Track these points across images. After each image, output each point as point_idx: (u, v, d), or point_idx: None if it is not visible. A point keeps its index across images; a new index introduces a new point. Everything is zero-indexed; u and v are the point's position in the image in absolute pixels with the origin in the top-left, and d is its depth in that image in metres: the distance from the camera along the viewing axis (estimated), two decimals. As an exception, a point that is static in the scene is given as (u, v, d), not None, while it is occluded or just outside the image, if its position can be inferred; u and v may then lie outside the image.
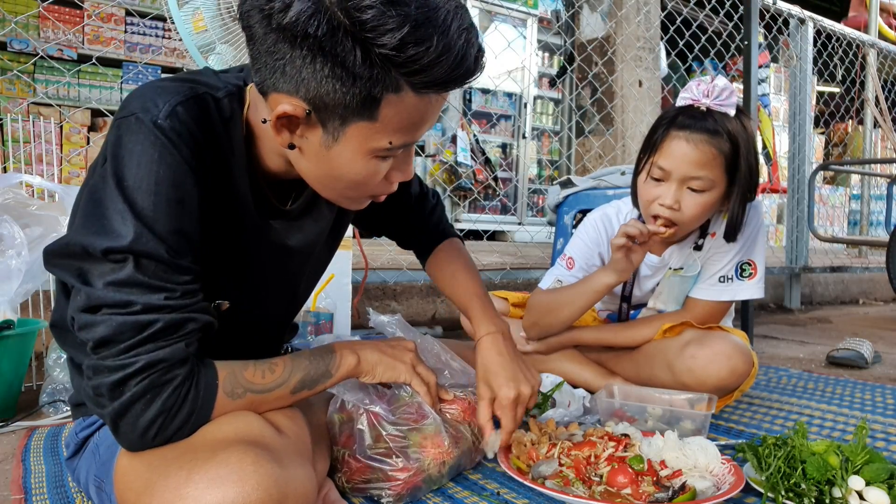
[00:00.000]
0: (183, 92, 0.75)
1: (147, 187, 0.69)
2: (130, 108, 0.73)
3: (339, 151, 0.75)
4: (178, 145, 0.71)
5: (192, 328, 0.72)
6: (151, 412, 0.69)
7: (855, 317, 3.53)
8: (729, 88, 1.28)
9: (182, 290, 0.71)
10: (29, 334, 1.41)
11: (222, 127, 0.78)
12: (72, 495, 0.99)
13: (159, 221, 0.70)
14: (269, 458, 0.66)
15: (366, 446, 0.94)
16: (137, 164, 0.70)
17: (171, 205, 0.70)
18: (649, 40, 3.19)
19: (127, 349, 0.68)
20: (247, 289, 0.90)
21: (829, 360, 2.15)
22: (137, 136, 0.70)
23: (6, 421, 1.34)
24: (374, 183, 0.79)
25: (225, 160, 0.79)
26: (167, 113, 0.72)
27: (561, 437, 1.10)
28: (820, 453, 0.96)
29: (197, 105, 0.75)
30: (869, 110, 4.89)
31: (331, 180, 0.79)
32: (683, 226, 1.33)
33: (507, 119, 5.87)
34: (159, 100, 0.73)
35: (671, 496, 0.93)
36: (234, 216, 0.82)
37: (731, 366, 1.33)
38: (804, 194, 3.66)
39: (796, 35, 3.64)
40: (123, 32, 4.27)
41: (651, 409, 1.24)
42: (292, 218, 0.91)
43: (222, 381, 0.76)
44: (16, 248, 1.37)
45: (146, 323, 0.68)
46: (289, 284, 0.99)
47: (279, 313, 1.03)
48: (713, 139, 1.26)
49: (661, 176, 1.31)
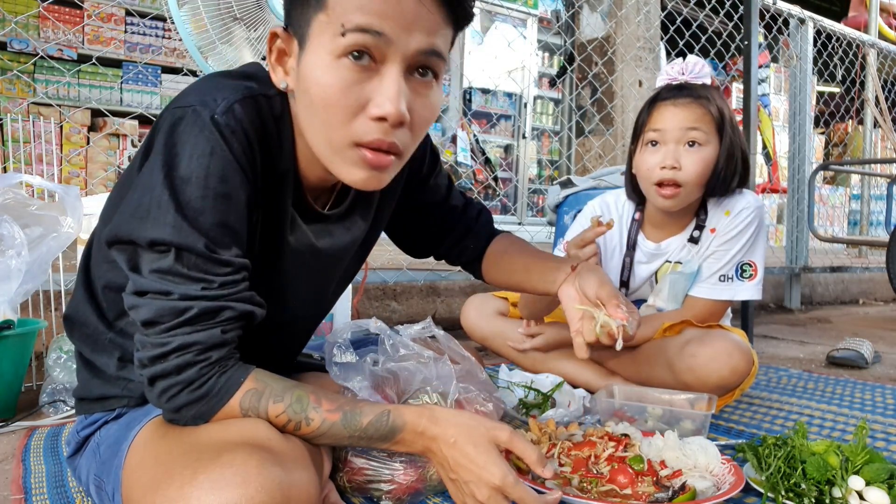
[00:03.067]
0: (241, 90, 0.76)
1: (196, 180, 0.71)
2: (188, 101, 0.74)
3: (306, 59, 0.73)
4: (231, 142, 0.73)
5: (229, 315, 0.74)
6: (173, 381, 0.73)
7: (855, 317, 3.53)
8: (701, 63, 1.37)
9: (221, 280, 0.73)
10: (29, 334, 1.41)
11: (274, 126, 0.79)
12: (72, 495, 0.99)
13: (204, 215, 0.71)
14: (273, 461, 0.66)
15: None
16: (189, 156, 0.71)
17: (218, 199, 0.72)
18: (649, 40, 3.19)
19: (166, 330, 0.72)
20: (275, 287, 0.88)
21: (829, 360, 2.15)
22: (193, 128, 0.72)
23: (6, 421, 1.34)
24: (343, 107, 0.72)
25: (274, 159, 0.80)
26: (224, 109, 0.73)
27: (561, 437, 1.10)
28: (820, 453, 0.96)
29: (253, 104, 0.76)
30: (869, 110, 4.89)
31: (308, 113, 0.75)
32: (687, 186, 1.37)
33: (507, 119, 5.86)
34: (218, 95, 0.74)
35: (671, 496, 0.93)
36: (274, 215, 0.83)
37: (732, 364, 1.33)
38: (804, 194, 3.66)
39: (796, 35, 3.64)
40: (123, 32, 4.27)
41: (651, 409, 1.24)
42: (327, 223, 0.90)
43: (244, 393, 0.75)
44: (16, 248, 1.37)
45: (182, 309, 0.71)
46: (315, 287, 0.97)
47: (305, 317, 1.02)
48: (698, 100, 1.35)
49: (657, 138, 1.37)
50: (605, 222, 1.24)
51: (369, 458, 0.93)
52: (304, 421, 0.76)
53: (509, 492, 0.76)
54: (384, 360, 1.00)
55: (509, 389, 1.45)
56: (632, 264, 1.55)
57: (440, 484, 0.97)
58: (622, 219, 1.58)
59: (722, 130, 1.36)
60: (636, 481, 0.95)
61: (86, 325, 0.86)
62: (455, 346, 1.09)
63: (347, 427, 0.77)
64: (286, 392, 0.76)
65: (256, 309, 0.77)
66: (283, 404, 0.75)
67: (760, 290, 1.48)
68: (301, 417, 0.76)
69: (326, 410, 0.77)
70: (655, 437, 1.06)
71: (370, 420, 0.77)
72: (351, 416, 0.77)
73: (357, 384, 0.95)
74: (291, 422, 0.76)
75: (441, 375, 0.99)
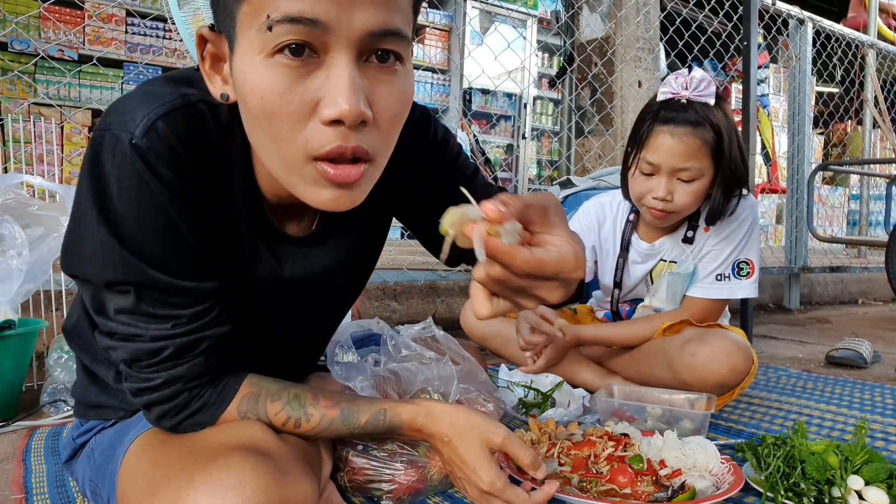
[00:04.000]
0: (170, 101, 0.66)
1: (131, 215, 0.64)
2: (108, 121, 0.65)
3: (237, 63, 0.62)
4: (158, 169, 0.64)
5: (208, 345, 0.71)
6: (168, 406, 0.72)
7: (854, 317, 3.54)
8: (707, 79, 1.33)
9: (190, 313, 0.69)
10: (30, 334, 1.41)
11: (218, 138, 0.69)
12: (72, 495, 0.99)
13: (151, 248, 0.65)
14: (269, 464, 0.66)
15: (370, 444, 0.94)
16: (118, 190, 0.63)
17: (160, 231, 0.65)
18: (649, 41, 3.19)
19: (147, 367, 0.70)
20: (256, 316, 0.82)
21: (829, 359, 2.15)
22: (114, 157, 0.63)
23: (7, 421, 1.34)
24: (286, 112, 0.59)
25: (219, 175, 0.70)
26: (144, 130, 0.63)
27: (560, 437, 1.10)
28: (819, 453, 0.96)
29: (184, 116, 0.66)
30: (868, 111, 4.89)
31: (251, 127, 0.64)
32: (678, 214, 1.40)
33: (506, 119, 5.87)
34: (139, 112, 0.64)
35: (671, 496, 0.93)
36: (227, 236, 0.74)
37: (732, 363, 1.34)
38: (803, 194, 3.66)
39: (795, 35, 3.65)
40: (124, 33, 4.27)
41: (650, 408, 1.24)
42: (297, 245, 0.80)
43: (240, 399, 0.75)
44: (16, 248, 1.37)
45: (157, 349, 0.69)
46: (291, 318, 0.87)
47: (292, 343, 0.92)
48: (696, 130, 1.32)
49: (651, 170, 1.36)
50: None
51: (370, 457, 0.94)
52: (303, 417, 0.76)
53: (498, 496, 0.76)
54: (386, 360, 1.00)
55: (509, 389, 1.45)
56: (625, 264, 1.56)
57: (441, 484, 0.97)
58: (616, 220, 1.59)
59: (720, 155, 1.34)
60: (636, 481, 0.95)
61: (83, 338, 0.84)
62: (455, 346, 1.09)
63: (346, 423, 0.77)
64: (282, 391, 0.76)
65: (235, 328, 0.74)
66: (281, 402, 0.75)
67: (757, 288, 1.49)
68: (300, 414, 0.76)
69: (324, 407, 0.77)
70: (655, 437, 1.06)
71: (367, 419, 0.78)
72: (349, 412, 0.77)
73: (359, 384, 0.95)
74: (291, 419, 0.75)
75: (442, 376, 1.00)
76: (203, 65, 0.66)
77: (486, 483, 0.76)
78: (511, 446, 0.78)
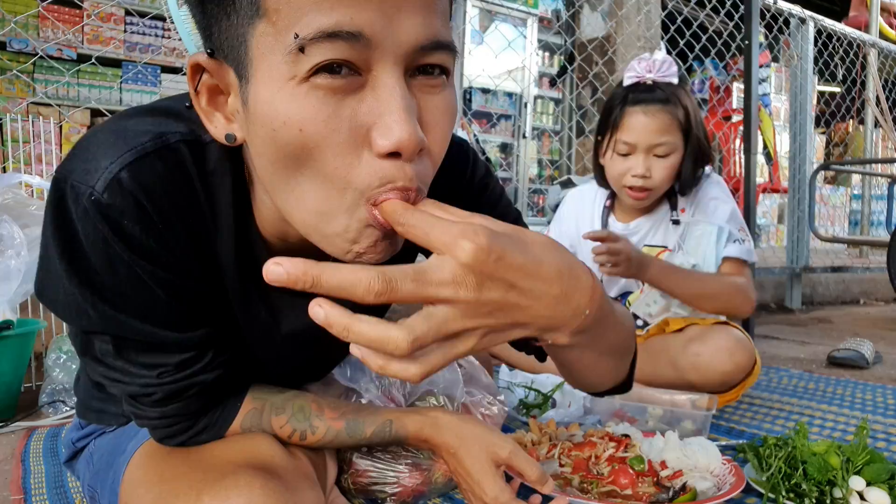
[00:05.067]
0: (140, 145, 0.57)
1: (102, 269, 0.57)
2: (70, 167, 0.57)
3: (254, 95, 0.50)
4: (123, 226, 0.56)
5: (199, 389, 0.68)
6: (170, 430, 0.71)
7: (856, 317, 3.53)
8: (668, 60, 1.40)
9: (176, 361, 0.64)
10: (28, 334, 1.41)
11: (200, 182, 0.61)
12: (71, 496, 0.99)
13: (125, 303, 0.59)
14: (277, 482, 0.65)
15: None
16: (84, 243, 0.56)
17: (134, 286, 0.59)
18: (650, 40, 3.19)
19: (141, 404, 0.68)
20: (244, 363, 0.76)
21: (830, 360, 2.14)
22: (77, 209, 0.56)
23: (6, 421, 1.34)
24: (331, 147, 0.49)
25: (201, 224, 0.62)
26: (106, 184, 0.55)
27: (561, 438, 1.10)
28: (821, 453, 0.96)
29: (156, 162, 0.57)
30: (870, 110, 4.88)
31: (279, 173, 0.52)
32: (656, 190, 1.44)
33: (507, 119, 5.86)
34: (105, 159, 0.56)
35: (672, 497, 0.92)
36: (213, 290, 0.67)
37: (735, 360, 1.37)
38: (805, 194, 3.65)
39: (797, 35, 3.64)
40: (123, 32, 4.27)
41: (652, 409, 1.24)
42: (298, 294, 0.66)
43: (244, 416, 0.73)
44: (15, 248, 1.37)
45: (147, 394, 0.66)
46: (294, 368, 0.84)
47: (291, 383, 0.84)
48: (667, 107, 1.38)
49: (628, 150, 1.41)
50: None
51: (374, 460, 0.93)
52: (308, 430, 0.75)
53: None
54: None
55: (510, 390, 1.45)
56: None
57: (444, 486, 0.97)
58: (595, 207, 1.62)
59: (688, 133, 1.40)
60: (637, 482, 0.95)
61: None
62: None
63: (352, 436, 0.77)
64: (286, 403, 0.75)
65: (231, 369, 0.70)
66: (286, 416, 0.74)
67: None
68: (305, 427, 0.75)
69: (330, 419, 0.76)
70: (656, 438, 1.06)
71: (373, 430, 0.77)
72: (354, 424, 0.76)
73: (363, 386, 0.95)
74: (296, 432, 0.74)
75: (447, 379, 1.00)
76: (198, 101, 0.55)
77: (490, 496, 0.74)
78: (517, 461, 0.77)
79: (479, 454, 0.76)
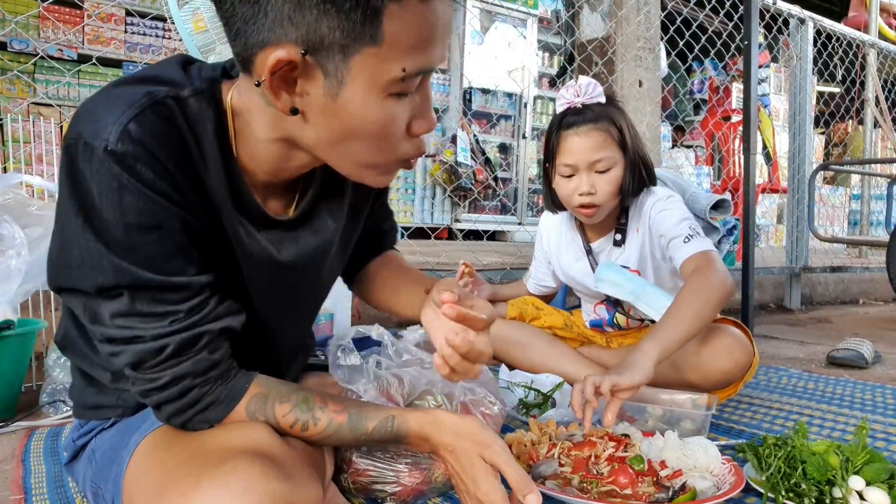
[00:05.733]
0: (137, 102, 0.66)
1: (114, 219, 0.64)
2: (78, 129, 0.65)
3: (349, 97, 0.64)
4: (138, 170, 0.64)
5: (209, 339, 0.72)
6: (178, 405, 0.72)
7: (855, 317, 3.53)
8: (592, 83, 1.47)
9: (187, 307, 0.70)
10: (29, 334, 1.41)
11: (189, 129, 0.70)
12: (72, 496, 0.99)
13: (138, 251, 0.66)
14: (276, 469, 0.66)
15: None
16: (99, 196, 0.64)
17: (145, 232, 0.66)
18: (649, 40, 3.19)
19: (152, 368, 0.70)
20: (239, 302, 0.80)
21: (830, 360, 2.15)
22: (91, 165, 0.64)
23: (6, 421, 1.34)
24: (396, 136, 0.69)
25: (196, 166, 0.71)
26: (118, 135, 0.63)
27: (561, 438, 1.10)
28: (820, 453, 0.96)
29: (154, 115, 0.66)
30: (869, 110, 4.89)
31: (346, 142, 0.69)
32: (604, 205, 1.48)
33: (507, 119, 5.86)
34: (109, 116, 0.64)
35: (671, 496, 0.93)
36: (216, 225, 0.74)
37: (735, 359, 1.39)
38: (804, 194, 3.66)
39: (796, 35, 3.64)
40: (123, 32, 4.27)
41: (651, 408, 1.24)
42: (287, 228, 0.81)
43: (249, 398, 0.75)
44: (16, 248, 1.37)
45: (159, 348, 0.69)
46: (287, 302, 0.88)
47: (282, 330, 0.91)
48: (598, 124, 1.44)
49: (570, 171, 1.47)
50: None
51: (374, 459, 0.93)
52: (311, 420, 0.76)
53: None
54: (388, 364, 1.00)
55: (509, 389, 1.45)
56: (597, 263, 1.59)
57: (444, 486, 0.97)
58: (570, 225, 1.65)
59: (625, 145, 1.46)
60: (636, 481, 0.95)
61: (76, 347, 0.85)
62: None
63: (353, 430, 0.77)
64: (291, 394, 0.76)
65: (234, 320, 0.75)
66: (290, 404, 0.75)
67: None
68: (308, 417, 0.76)
69: (333, 411, 0.77)
70: (656, 437, 1.06)
71: (374, 426, 0.77)
72: (357, 418, 0.77)
73: (362, 387, 0.95)
74: (298, 422, 0.75)
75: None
76: (269, 81, 0.64)
77: (482, 492, 0.75)
78: (500, 462, 0.75)
79: (473, 452, 0.77)
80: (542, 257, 1.75)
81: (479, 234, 4.51)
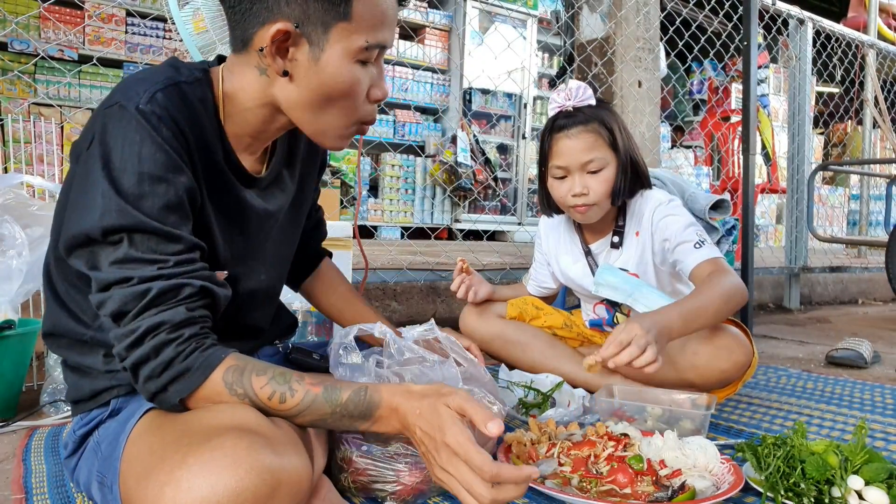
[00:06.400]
0: (161, 80, 0.82)
1: (131, 167, 0.76)
2: (114, 98, 0.80)
3: (327, 59, 0.82)
4: (158, 127, 0.78)
5: (190, 293, 0.77)
6: (154, 364, 0.75)
7: (854, 317, 3.54)
8: (582, 86, 1.49)
9: (175, 259, 0.77)
10: (29, 334, 1.41)
11: (201, 106, 0.85)
12: (72, 495, 0.99)
13: (145, 198, 0.76)
14: (263, 444, 0.67)
15: (374, 444, 0.94)
16: (122, 147, 0.76)
17: (155, 182, 0.77)
18: (649, 41, 3.19)
19: (133, 316, 0.75)
20: (237, 256, 0.93)
21: (829, 359, 2.15)
22: (121, 121, 0.77)
23: (7, 421, 1.34)
24: (360, 97, 0.86)
25: (206, 137, 0.85)
26: (148, 99, 0.78)
27: (560, 437, 1.10)
28: (819, 453, 0.96)
29: (176, 91, 0.82)
30: (868, 110, 4.89)
31: (321, 101, 0.85)
32: (598, 205, 1.49)
33: (506, 119, 5.87)
34: (139, 88, 0.80)
35: (671, 496, 0.93)
36: (217, 188, 0.87)
37: (734, 359, 1.39)
38: (803, 194, 3.66)
39: (795, 35, 3.65)
40: (124, 33, 4.27)
41: (650, 408, 1.24)
42: (264, 187, 0.96)
43: (225, 368, 0.76)
44: (16, 248, 1.37)
45: (143, 292, 0.75)
46: (274, 250, 1.03)
47: (266, 285, 1.03)
48: (588, 126, 1.46)
49: (563, 173, 1.49)
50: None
51: (374, 458, 0.94)
52: (287, 392, 0.77)
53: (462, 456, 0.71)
54: (389, 363, 1.00)
55: (509, 389, 1.45)
56: (596, 265, 1.59)
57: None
58: (568, 227, 1.66)
59: (616, 146, 1.47)
60: (636, 481, 0.95)
61: (66, 334, 0.88)
62: (458, 348, 1.09)
63: (329, 401, 0.77)
64: (268, 368, 0.78)
65: (217, 288, 0.82)
66: (267, 377, 0.77)
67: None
68: (285, 389, 0.77)
69: (309, 384, 0.78)
70: (655, 437, 1.06)
71: (349, 395, 0.77)
72: (332, 390, 0.78)
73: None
74: (276, 393, 0.76)
75: (447, 377, 1.00)
76: (270, 48, 0.81)
77: (449, 437, 0.71)
78: (462, 404, 0.75)
79: (438, 403, 0.75)
80: (541, 259, 1.76)
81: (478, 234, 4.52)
